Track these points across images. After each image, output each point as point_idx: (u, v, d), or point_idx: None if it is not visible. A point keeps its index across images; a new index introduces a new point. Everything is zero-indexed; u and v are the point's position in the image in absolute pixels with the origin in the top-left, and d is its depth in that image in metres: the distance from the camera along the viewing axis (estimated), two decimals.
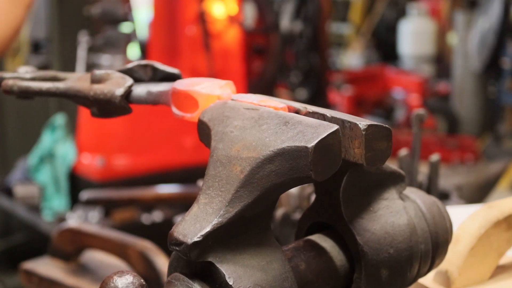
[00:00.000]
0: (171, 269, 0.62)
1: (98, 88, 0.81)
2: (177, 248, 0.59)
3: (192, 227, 0.59)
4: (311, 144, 0.57)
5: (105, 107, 0.82)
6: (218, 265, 0.58)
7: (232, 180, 0.60)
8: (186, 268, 0.61)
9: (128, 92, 0.80)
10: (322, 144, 0.58)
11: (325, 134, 0.58)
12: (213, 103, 0.70)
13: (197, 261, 0.59)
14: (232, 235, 0.59)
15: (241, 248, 0.60)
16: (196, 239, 0.58)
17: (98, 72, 0.82)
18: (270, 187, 0.59)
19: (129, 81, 0.80)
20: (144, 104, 0.80)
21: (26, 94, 0.88)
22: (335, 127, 0.59)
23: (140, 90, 0.80)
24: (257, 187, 0.59)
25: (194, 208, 0.61)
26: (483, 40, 5.52)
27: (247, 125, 0.63)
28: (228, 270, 0.58)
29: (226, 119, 0.65)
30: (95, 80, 0.82)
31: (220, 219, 0.59)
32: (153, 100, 0.78)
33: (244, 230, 0.60)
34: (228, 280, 0.58)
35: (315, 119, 0.61)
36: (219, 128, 0.65)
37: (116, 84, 0.80)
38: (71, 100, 0.86)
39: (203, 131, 0.68)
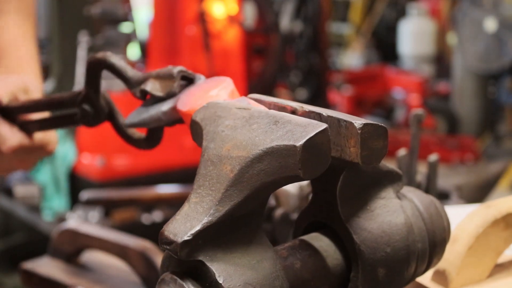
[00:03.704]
0: (163, 268, 0.63)
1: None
2: (167, 247, 0.59)
3: (183, 226, 0.59)
4: (299, 142, 0.58)
5: None
6: (208, 264, 0.59)
7: (222, 179, 0.60)
8: (177, 267, 0.61)
9: None
10: (311, 142, 0.58)
11: (314, 133, 0.58)
12: (205, 103, 0.70)
13: (188, 259, 0.59)
14: (222, 234, 0.60)
15: (232, 247, 0.60)
16: (186, 238, 0.58)
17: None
18: (260, 186, 0.60)
19: None
20: (162, 125, 0.82)
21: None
22: (323, 126, 0.59)
23: (154, 112, 0.81)
24: (246, 186, 0.59)
25: (185, 207, 0.61)
26: (498, 41, 5.48)
27: (238, 125, 0.63)
28: (218, 268, 0.59)
29: (218, 118, 0.66)
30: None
31: (210, 218, 0.59)
32: (167, 121, 0.80)
33: (234, 229, 0.60)
34: (218, 279, 0.58)
35: (305, 118, 0.61)
36: (210, 128, 0.65)
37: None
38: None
39: (196, 130, 0.69)
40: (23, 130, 1.08)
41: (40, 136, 1.11)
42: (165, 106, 0.80)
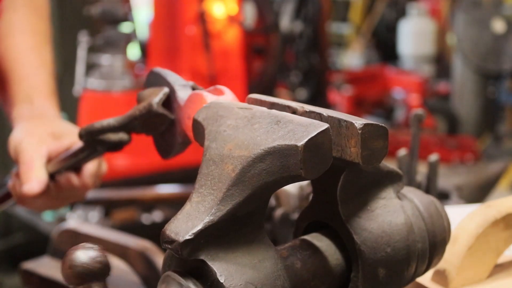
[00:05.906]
0: (165, 267, 0.63)
1: (141, 104, 0.87)
2: (169, 246, 0.60)
3: (184, 225, 0.59)
4: (301, 142, 0.58)
5: (150, 122, 0.87)
6: (209, 263, 0.59)
7: (224, 179, 0.60)
8: (179, 266, 0.62)
9: (164, 99, 0.85)
10: (312, 142, 0.58)
11: (315, 133, 0.58)
12: (207, 103, 0.71)
13: (189, 259, 0.59)
14: (224, 233, 0.60)
15: (234, 246, 0.60)
16: (187, 237, 0.58)
17: (141, 92, 0.88)
18: (262, 185, 0.60)
19: (165, 89, 0.84)
20: None
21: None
22: (325, 125, 0.59)
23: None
24: (248, 185, 0.59)
25: (187, 207, 0.61)
26: (506, 41, 5.46)
27: (240, 124, 0.64)
28: (220, 268, 0.59)
29: (220, 118, 0.66)
30: (139, 100, 0.88)
31: (211, 218, 0.59)
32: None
33: (236, 228, 0.61)
34: (219, 278, 0.58)
35: (306, 118, 0.61)
36: (212, 128, 0.66)
37: (153, 96, 0.86)
38: (131, 130, 0.91)
39: (198, 130, 0.69)
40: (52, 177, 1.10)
41: (67, 183, 1.11)
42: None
